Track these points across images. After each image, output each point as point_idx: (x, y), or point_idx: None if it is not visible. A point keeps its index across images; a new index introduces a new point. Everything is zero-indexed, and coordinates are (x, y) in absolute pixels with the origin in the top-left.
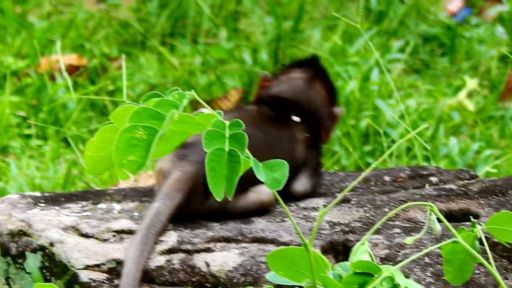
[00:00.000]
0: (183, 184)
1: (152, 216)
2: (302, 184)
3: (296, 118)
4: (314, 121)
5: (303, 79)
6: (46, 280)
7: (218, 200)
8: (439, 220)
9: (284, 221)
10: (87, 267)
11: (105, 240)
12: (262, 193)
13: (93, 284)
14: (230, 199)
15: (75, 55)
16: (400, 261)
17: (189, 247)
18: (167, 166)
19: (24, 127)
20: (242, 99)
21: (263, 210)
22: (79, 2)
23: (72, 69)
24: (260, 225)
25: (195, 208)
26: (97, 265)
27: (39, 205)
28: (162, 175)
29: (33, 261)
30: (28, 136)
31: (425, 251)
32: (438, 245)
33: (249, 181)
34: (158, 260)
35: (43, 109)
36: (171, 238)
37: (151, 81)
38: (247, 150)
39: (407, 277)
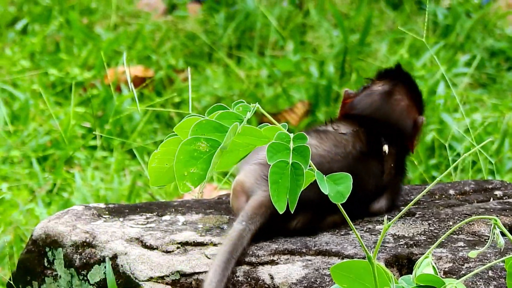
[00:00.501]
0: (267, 209)
1: (236, 240)
2: (379, 204)
3: (385, 148)
4: (397, 134)
5: (380, 93)
6: None
7: (280, 212)
8: (503, 234)
9: (349, 234)
10: (150, 279)
11: (169, 252)
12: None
13: None
14: (292, 212)
15: (141, 66)
16: (464, 274)
17: (253, 259)
18: (249, 182)
19: (89, 138)
20: (308, 112)
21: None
22: (146, 14)
23: (138, 81)
24: (324, 238)
25: (273, 229)
26: (161, 277)
27: (103, 217)
28: (242, 189)
29: (97, 273)
30: (93, 148)
31: (488, 264)
32: (502, 259)
33: (329, 209)
34: None
35: (109, 121)
36: None
37: (217, 93)
38: (311, 162)
39: None
